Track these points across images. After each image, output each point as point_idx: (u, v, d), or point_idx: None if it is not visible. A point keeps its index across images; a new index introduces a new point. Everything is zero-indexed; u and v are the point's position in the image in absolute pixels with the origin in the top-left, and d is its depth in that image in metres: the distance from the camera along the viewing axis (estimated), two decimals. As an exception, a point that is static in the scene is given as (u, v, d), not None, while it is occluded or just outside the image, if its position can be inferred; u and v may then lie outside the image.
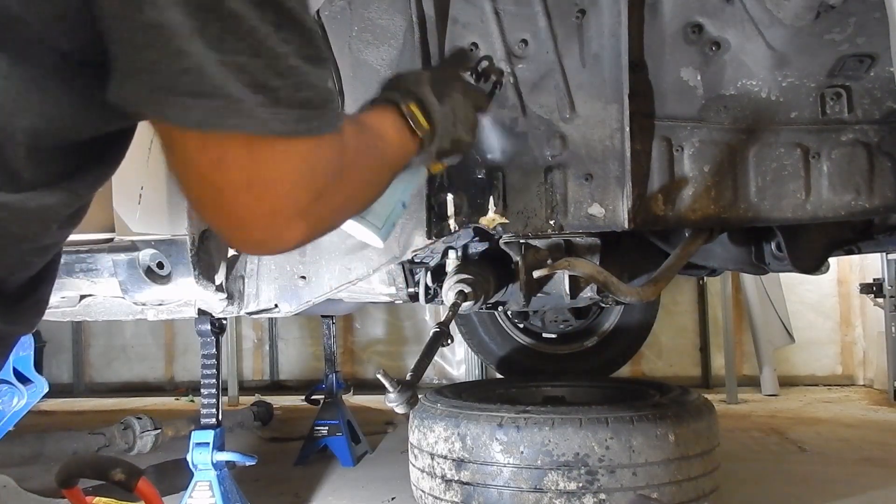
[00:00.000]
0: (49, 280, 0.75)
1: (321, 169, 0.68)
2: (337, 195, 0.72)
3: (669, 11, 1.60)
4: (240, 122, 0.60)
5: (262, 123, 0.60)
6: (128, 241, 1.85)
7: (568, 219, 1.74)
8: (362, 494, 3.04)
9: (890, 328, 4.75)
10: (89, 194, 0.72)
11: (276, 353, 6.43)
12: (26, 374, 2.58)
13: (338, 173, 0.71)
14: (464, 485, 2.19)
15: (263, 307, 2.00)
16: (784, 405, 4.86)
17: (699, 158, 1.69)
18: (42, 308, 0.76)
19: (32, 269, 0.69)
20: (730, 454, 3.16)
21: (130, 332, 6.61)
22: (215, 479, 2.31)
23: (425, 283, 2.23)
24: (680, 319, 5.76)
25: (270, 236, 0.67)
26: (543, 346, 4.14)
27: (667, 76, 1.66)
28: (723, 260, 2.28)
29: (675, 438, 2.14)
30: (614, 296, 1.96)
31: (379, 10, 1.67)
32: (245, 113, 0.59)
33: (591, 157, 1.71)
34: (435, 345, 1.66)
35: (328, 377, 3.67)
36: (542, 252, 2.02)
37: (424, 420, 2.36)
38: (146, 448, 3.24)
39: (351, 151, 0.75)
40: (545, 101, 1.70)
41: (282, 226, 0.67)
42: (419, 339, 6.06)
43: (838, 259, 4.33)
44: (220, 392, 2.40)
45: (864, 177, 1.65)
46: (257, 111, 0.60)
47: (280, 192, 0.64)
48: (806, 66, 1.62)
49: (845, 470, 3.17)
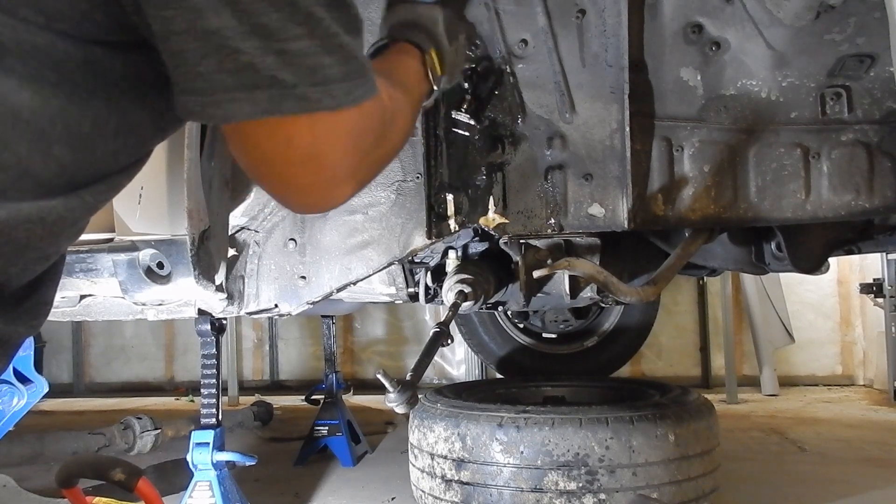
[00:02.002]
0: (51, 282, 0.75)
1: (367, 133, 0.73)
2: (379, 152, 0.79)
3: (669, 11, 1.60)
4: (295, 105, 0.64)
5: (316, 102, 0.65)
6: (128, 241, 1.85)
7: (568, 219, 1.74)
8: (362, 494, 3.04)
9: (890, 328, 4.75)
10: (102, 204, 0.73)
11: (276, 353, 6.43)
12: (26, 374, 2.58)
13: (380, 133, 0.77)
14: (464, 485, 2.19)
15: (263, 307, 2.00)
16: (784, 405, 4.86)
17: (699, 158, 1.69)
18: (44, 310, 0.75)
19: (33, 274, 0.70)
20: (730, 454, 3.17)
21: (130, 332, 6.61)
22: (215, 479, 2.31)
23: (425, 283, 2.23)
24: (680, 319, 5.76)
25: (327, 199, 0.74)
26: (543, 346, 4.14)
27: (667, 76, 1.66)
28: (723, 260, 2.28)
29: (675, 438, 2.14)
30: (614, 296, 1.96)
31: (379, 9, 1.67)
32: (300, 96, 0.64)
33: (591, 157, 1.71)
34: (435, 345, 1.66)
35: (328, 377, 3.67)
36: (542, 252, 2.02)
37: (424, 420, 2.36)
38: (146, 448, 3.24)
39: (389, 111, 0.80)
40: (545, 101, 1.70)
41: (336, 188, 0.73)
42: (419, 339, 6.06)
43: (838, 259, 4.34)
44: (220, 392, 2.40)
45: (864, 177, 1.65)
46: (311, 91, 0.64)
47: (335, 161, 0.70)
48: (806, 66, 1.62)
49: (845, 470, 3.17)
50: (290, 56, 0.63)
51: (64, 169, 0.64)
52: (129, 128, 0.69)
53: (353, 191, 0.76)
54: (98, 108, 0.65)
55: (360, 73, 0.69)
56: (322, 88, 0.65)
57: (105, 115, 0.66)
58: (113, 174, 0.71)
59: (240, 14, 0.60)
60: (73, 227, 0.70)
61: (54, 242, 0.68)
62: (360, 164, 0.74)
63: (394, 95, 0.85)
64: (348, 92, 0.67)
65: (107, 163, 0.69)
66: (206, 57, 0.61)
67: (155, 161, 1.76)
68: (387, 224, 1.79)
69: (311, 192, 0.72)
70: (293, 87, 0.63)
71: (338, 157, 0.70)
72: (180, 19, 0.60)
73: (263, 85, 0.62)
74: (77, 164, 0.65)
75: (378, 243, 1.83)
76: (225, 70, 0.61)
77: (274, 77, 0.62)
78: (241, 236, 1.96)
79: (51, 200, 0.64)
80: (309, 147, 0.67)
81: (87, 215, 0.71)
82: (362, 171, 0.76)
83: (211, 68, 0.61)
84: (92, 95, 0.64)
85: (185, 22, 0.60)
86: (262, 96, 0.63)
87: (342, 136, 0.70)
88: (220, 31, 0.60)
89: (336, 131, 0.69)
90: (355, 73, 0.68)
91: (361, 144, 0.73)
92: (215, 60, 0.61)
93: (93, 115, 0.64)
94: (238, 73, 0.62)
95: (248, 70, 0.62)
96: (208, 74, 0.62)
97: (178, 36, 0.61)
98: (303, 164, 0.68)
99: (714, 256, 2.23)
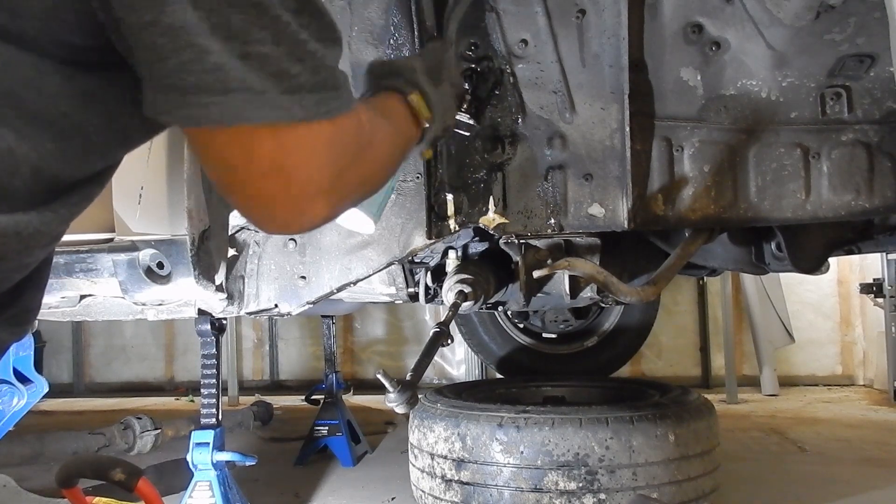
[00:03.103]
0: (35, 289, 0.74)
1: (340, 149, 0.69)
2: (355, 174, 0.74)
3: (669, 11, 1.60)
4: (264, 114, 0.61)
5: (286, 111, 0.62)
6: (128, 241, 1.85)
7: (568, 219, 1.74)
8: (362, 494, 3.04)
9: (890, 328, 4.75)
10: (74, 216, 0.72)
11: (276, 353, 6.43)
12: (26, 374, 2.58)
13: (356, 152, 0.73)
14: (464, 485, 2.19)
15: (263, 307, 2.00)
16: (784, 405, 4.86)
17: (699, 158, 1.69)
18: (29, 317, 0.75)
19: (10, 282, 0.68)
20: (730, 454, 3.17)
21: (130, 332, 6.61)
22: (215, 479, 2.31)
23: (425, 283, 2.23)
24: (680, 319, 5.76)
25: (295, 216, 0.69)
26: (543, 346, 4.14)
27: (667, 76, 1.66)
28: (723, 260, 2.28)
29: (675, 438, 2.14)
30: (614, 296, 1.96)
31: (379, 9, 1.67)
32: (269, 103, 0.61)
33: (591, 157, 1.71)
34: (435, 345, 1.66)
35: (328, 377, 3.67)
36: (542, 252, 2.02)
37: (424, 420, 2.36)
38: (146, 448, 3.24)
39: (366, 132, 0.76)
40: (545, 101, 1.70)
41: (305, 206, 0.69)
42: (419, 339, 6.06)
43: (838, 259, 4.33)
44: (220, 392, 2.40)
45: (864, 177, 1.65)
46: (280, 99, 0.61)
47: (304, 175, 0.66)
48: (806, 66, 1.62)
49: (845, 470, 3.17)
50: (254, 60, 0.60)
51: (35, 183, 0.63)
52: (95, 146, 0.68)
53: (327, 211, 0.71)
54: (66, 129, 0.64)
55: (333, 85, 0.66)
56: (292, 97, 0.62)
57: (71, 134, 0.65)
58: (85, 184, 0.70)
59: (200, 11, 0.58)
60: (49, 238, 0.69)
61: (30, 254, 0.67)
62: (333, 183, 0.70)
63: (373, 119, 0.81)
64: (320, 103, 0.64)
65: (79, 172, 0.68)
66: (177, 53, 0.59)
67: (155, 161, 1.77)
68: (387, 224, 1.79)
69: (278, 208, 0.68)
70: (262, 94, 0.60)
71: (308, 170, 0.66)
72: (146, 10, 0.58)
73: (236, 89, 0.60)
74: (48, 177, 0.64)
75: (378, 243, 1.83)
76: (194, 70, 0.59)
77: (242, 81, 0.60)
78: (241, 236, 1.97)
79: (25, 214, 0.63)
80: (272, 156, 0.64)
81: (62, 226, 0.70)
82: (337, 192, 0.71)
83: (180, 66, 0.59)
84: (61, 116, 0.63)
85: (150, 13, 0.58)
86: (234, 101, 0.60)
87: (314, 149, 0.66)
88: (186, 27, 0.58)
89: (307, 143, 0.65)
90: (327, 84, 0.65)
91: (336, 161, 0.69)
92: (183, 58, 0.59)
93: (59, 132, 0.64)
94: (204, 74, 0.59)
95: (218, 71, 0.59)
96: (178, 72, 0.59)
97: (147, 30, 0.58)
98: (267, 176, 0.65)
99: (714, 256, 2.23)
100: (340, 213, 0.78)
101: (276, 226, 0.71)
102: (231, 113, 0.60)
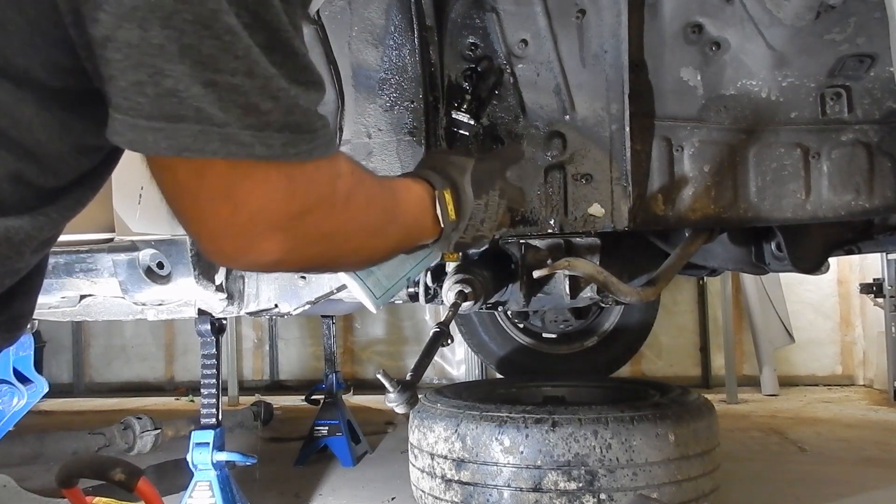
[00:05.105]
0: (27, 295, 0.73)
1: (305, 189, 0.66)
2: (321, 222, 0.70)
3: (669, 11, 1.60)
4: (215, 148, 0.58)
5: (245, 147, 0.58)
6: (128, 241, 1.85)
7: (568, 219, 1.74)
8: (362, 494, 3.04)
9: (890, 328, 4.75)
10: (67, 220, 0.71)
11: (276, 353, 6.43)
12: (26, 374, 2.58)
13: (326, 199, 0.69)
14: (464, 485, 2.19)
15: (263, 307, 2.00)
16: (784, 405, 4.86)
17: (699, 158, 1.69)
18: (21, 322, 0.74)
19: (2, 288, 0.67)
20: (730, 454, 3.16)
21: (130, 332, 6.61)
22: (215, 479, 2.31)
23: (425, 283, 2.23)
24: (680, 319, 5.76)
25: (243, 248, 0.65)
26: (543, 346, 4.14)
27: (667, 76, 1.66)
28: (723, 260, 2.28)
29: (675, 438, 2.14)
30: (614, 296, 1.96)
31: (379, 10, 1.67)
32: (225, 137, 0.57)
33: (591, 158, 1.71)
34: (435, 345, 1.65)
35: (328, 377, 3.67)
36: (542, 252, 2.02)
37: (424, 420, 2.36)
38: (146, 448, 3.24)
39: (345, 184, 0.72)
40: (545, 101, 1.70)
41: (255, 238, 0.64)
42: (419, 339, 6.06)
43: (838, 259, 4.33)
44: (220, 392, 2.40)
45: (864, 177, 1.65)
46: (241, 135, 0.58)
47: (255, 205, 0.63)
48: (806, 66, 1.62)
49: (845, 470, 3.17)
50: (221, 90, 0.56)
51: (20, 191, 0.63)
52: (87, 150, 0.68)
53: (279, 251, 0.66)
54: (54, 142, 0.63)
55: (308, 129, 0.63)
56: (256, 134, 0.58)
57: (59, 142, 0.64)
58: (76, 188, 0.69)
59: (170, 31, 0.54)
60: (41, 243, 0.68)
61: (21, 259, 0.66)
62: (291, 222, 0.65)
63: (364, 180, 0.78)
64: (288, 144, 0.61)
65: (63, 180, 0.67)
66: (132, 71, 0.55)
67: (155, 161, 1.76)
68: (387, 224, 1.79)
69: (225, 238, 0.64)
70: (222, 126, 0.57)
71: (260, 201, 0.62)
72: (106, 25, 0.55)
73: (188, 118, 0.56)
74: (32, 185, 0.64)
75: (378, 243, 1.82)
76: (144, 93, 0.55)
77: (200, 110, 0.56)
78: (241, 236, 1.96)
79: (17, 220, 0.62)
80: (223, 183, 0.60)
81: (54, 230, 0.69)
82: (293, 234, 0.66)
83: (134, 87, 0.56)
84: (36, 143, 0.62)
85: (109, 28, 0.55)
86: (185, 132, 0.56)
87: (268, 180, 0.62)
88: (143, 45, 0.54)
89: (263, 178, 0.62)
90: (301, 127, 0.62)
91: (296, 199, 0.65)
92: (138, 78, 0.55)
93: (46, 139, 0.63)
94: (158, 98, 0.55)
95: (168, 97, 0.55)
96: (131, 93, 0.56)
97: (106, 45, 0.55)
98: (214, 201, 0.62)
99: (714, 256, 2.23)
100: (301, 262, 0.74)
101: (224, 257, 0.68)
102: (179, 144, 0.57)
